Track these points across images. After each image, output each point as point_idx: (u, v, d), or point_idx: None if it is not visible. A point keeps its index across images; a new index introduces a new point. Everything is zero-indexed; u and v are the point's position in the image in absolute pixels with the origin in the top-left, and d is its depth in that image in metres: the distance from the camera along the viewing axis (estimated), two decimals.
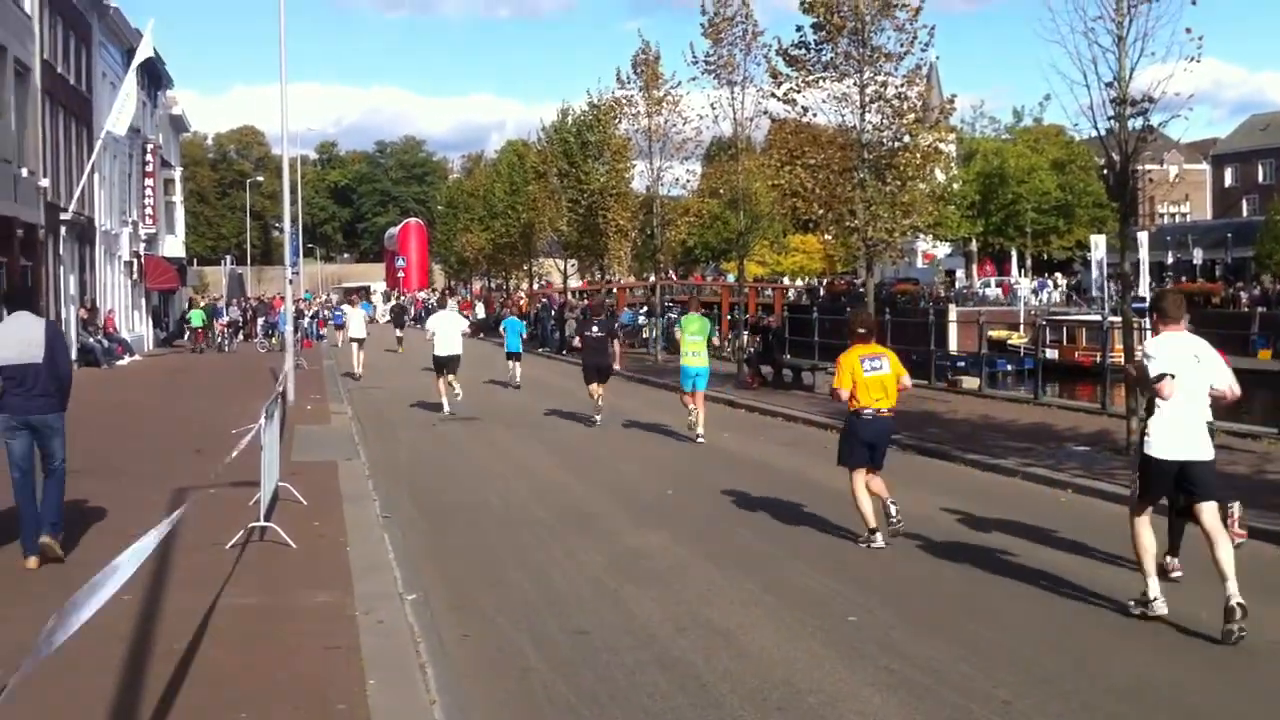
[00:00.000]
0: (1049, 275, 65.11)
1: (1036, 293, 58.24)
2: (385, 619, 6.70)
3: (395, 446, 15.32)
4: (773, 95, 21.00)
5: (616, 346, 17.60)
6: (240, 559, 8.16)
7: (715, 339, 30.83)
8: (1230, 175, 78.16)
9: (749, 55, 24.39)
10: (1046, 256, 70.17)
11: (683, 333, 15.95)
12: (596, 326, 17.43)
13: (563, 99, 79.28)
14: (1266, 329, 41.01)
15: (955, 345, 41.42)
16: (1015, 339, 43.31)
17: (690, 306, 17.99)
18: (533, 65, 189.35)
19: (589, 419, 17.22)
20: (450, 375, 18.67)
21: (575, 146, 36.13)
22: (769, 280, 65.20)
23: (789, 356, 26.09)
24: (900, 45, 19.16)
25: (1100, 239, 38.66)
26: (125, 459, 13.28)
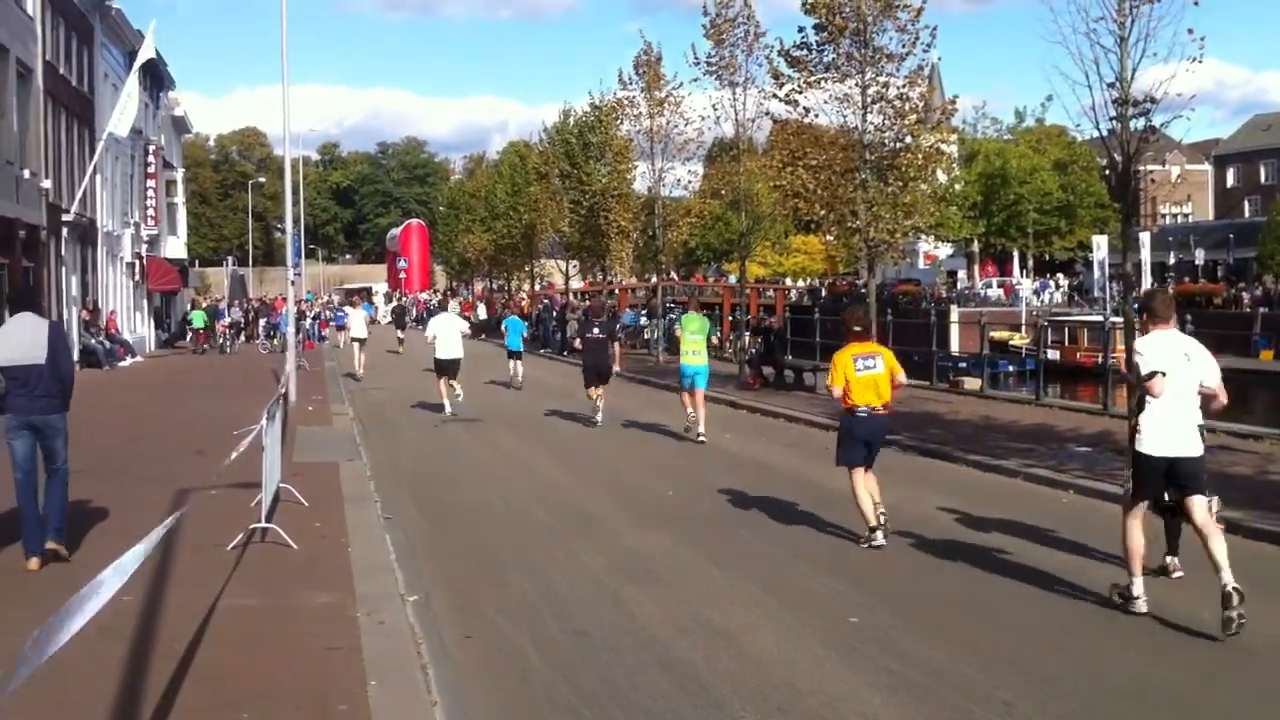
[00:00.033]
0: (1051, 276, 65.07)
1: (1038, 293, 58.22)
2: (386, 620, 6.70)
3: (397, 448, 15.33)
4: (774, 96, 20.99)
5: (616, 348, 17.62)
6: (241, 560, 8.17)
7: (715, 338, 30.98)
8: (1232, 176, 78.14)
9: (751, 56, 24.29)
10: (1048, 257, 70.20)
11: (683, 331, 16.01)
12: (597, 328, 17.45)
13: (564, 100, 79.51)
14: (1268, 330, 41.00)
15: (957, 346, 41.53)
16: (1017, 340, 43.32)
17: (690, 306, 18.10)
18: (534, 66, 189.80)
19: (589, 420, 17.24)
20: (449, 380, 18.75)
21: (577, 147, 36.12)
22: (771, 281, 65.18)
23: (790, 357, 26.10)
24: (902, 46, 19.17)
25: (1102, 239, 38.72)
26: (127, 459, 13.30)
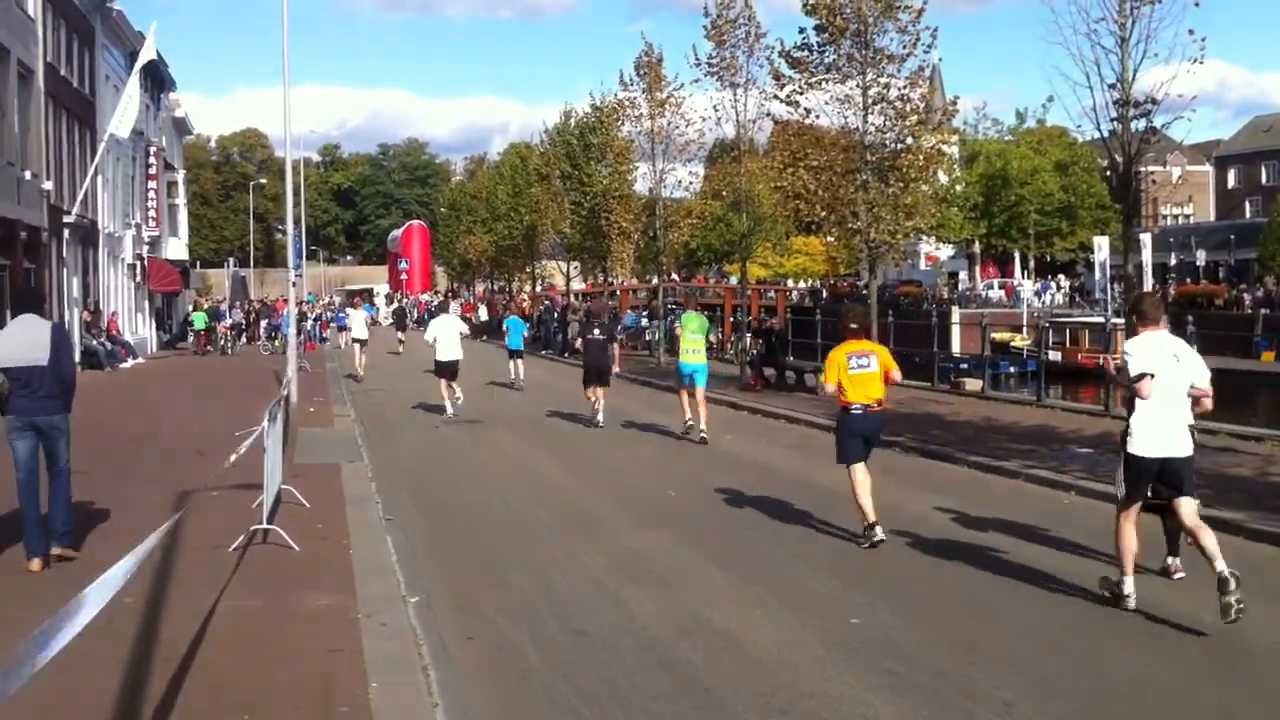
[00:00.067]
0: (1052, 277, 65.07)
1: (1039, 294, 58.22)
2: (388, 621, 6.70)
3: (398, 449, 15.33)
4: (775, 97, 21.00)
5: (616, 350, 17.70)
6: (243, 561, 8.17)
7: (715, 338, 31.01)
8: (1233, 177, 78.12)
9: (752, 57, 24.27)
10: (1049, 258, 70.16)
11: (683, 330, 16.09)
12: (598, 329, 17.58)
13: (565, 101, 79.54)
14: (1270, 331, 40.99)
15: (958, 347, 41.55)
16: (1018, 341, 43.31)
17: (689, 306, 18.25)
18: (535, 67, 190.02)
19: (589, 421, 17.25)
20: (449, 382, 18.82)
21: (578, 148, 36.10)
22: (772, 282, 65.19)
23: (791, 358, 26.11)
24: (903, 47, 19.20)
25: (1103, 241, 38.71)
26: (128, 460, 13.30)
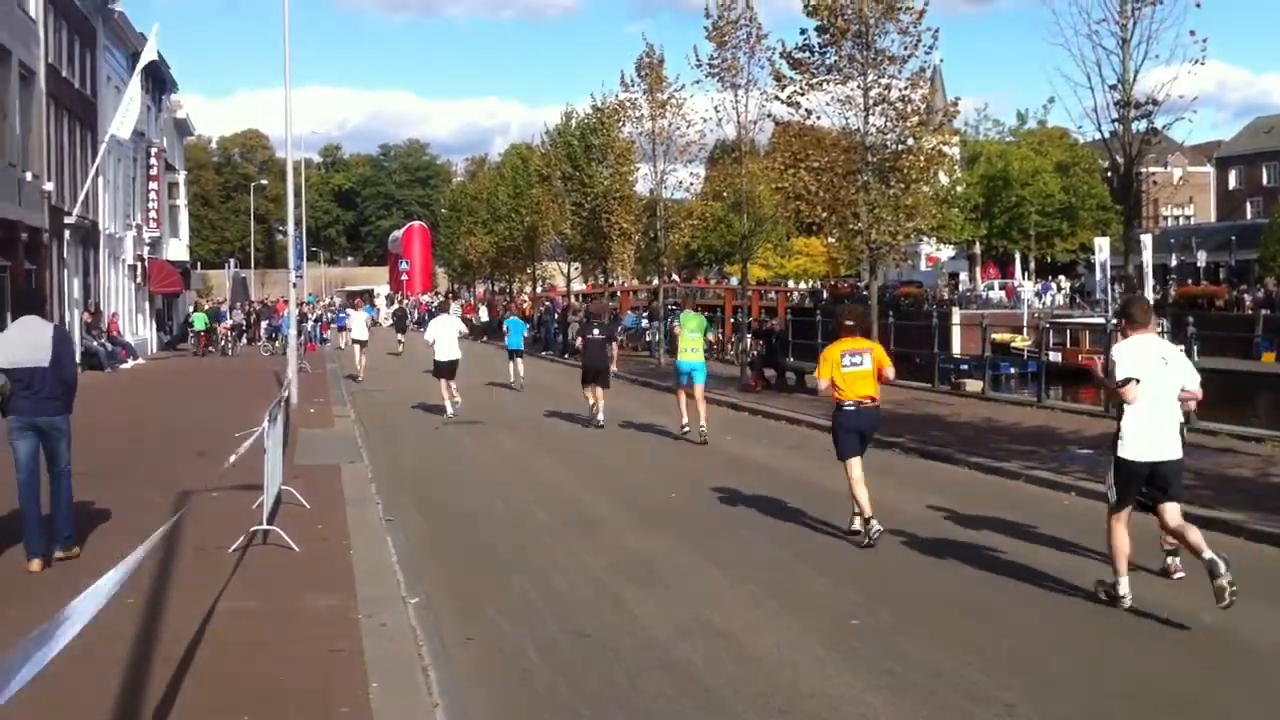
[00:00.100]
0: (1052, 278, 65.06)
1: (1040, 295, 58.20)
2: (388, 622, 6.70)
3: (398, 450, 15.33)
4: (776, 98, 21.00)
5: (614, 349, 17.85)
6: (243, 562, 8.17)
7: (714, 337, 31.03)
8: (1234, 178, 78.14)
9: (753, 58, 24.26)
10: (1050, 259, 70.13)
11: (681, 329, 16.24)
12: (597, 329, 17.77)
13: (567, 102, 79.60)
14: (1270, 332, 40.99)
15: (959, 348, 41.52)
16: (1019, 342, 43.28)
17: (686, 305, 18.33)
18: (537, 68, 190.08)
19: (588, 421, 17.29)
20: (448, 382, 18.87)
21: (579, 149, 36.11)
22: (772, 283, 65.19)
23: (792, 359, 26.09)
24: (904, 48, 19.20)
25: (1104, 241, 38.62)
26: (129, 461, 13.29)
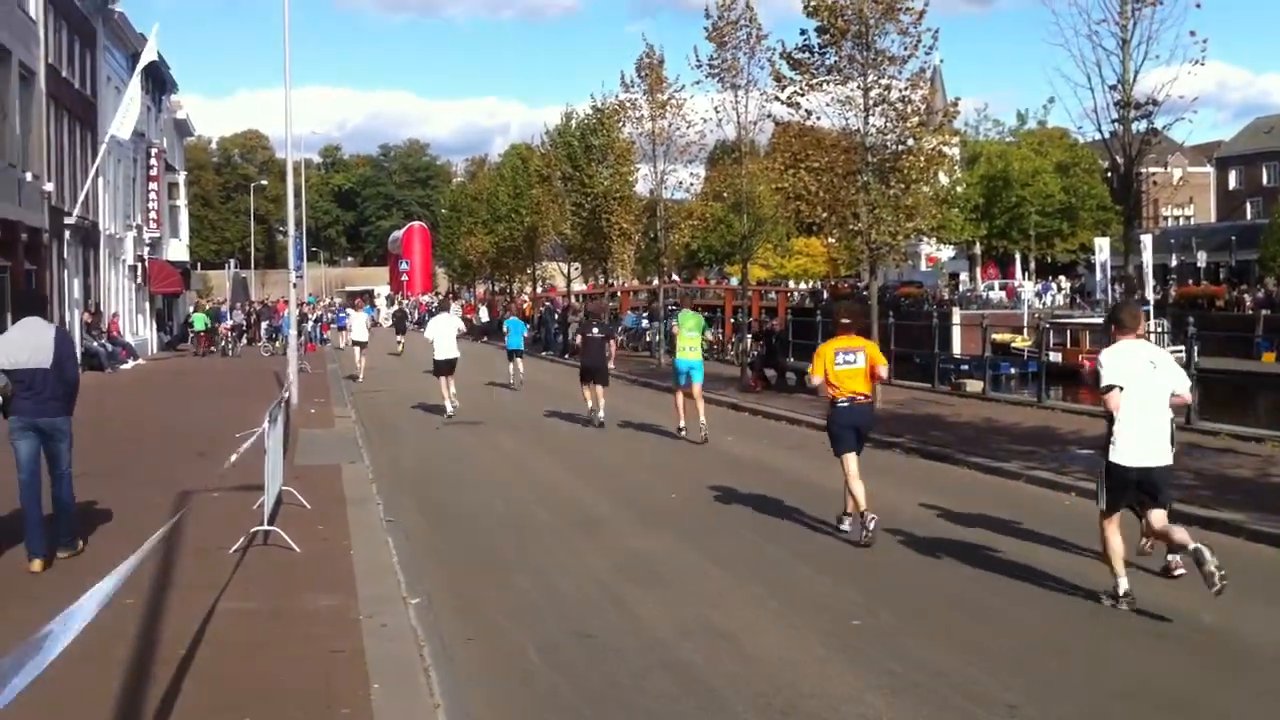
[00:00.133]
0: (1053, 278, 65.06)
1: (1040, 296, 58.22)
2: (389, 623, 6.70)
3: (399, 450, 15.32)
4: (776, 98, 20.97)
5: (613, 346, 18.23)
6: (244, 562, 8.17)
7: (710, 336, 31.06)
8: (1234, 178, 78.15)
9: (753, 59, 24.25)
10: (1050, 259, 70.15)
11: (680, 329, 16.40)
12: (597, 328, 18.08)
13: (567, 102, 79.67)
14: (1270, 332, 41.00)
15: (959, 348, 41.50)
16: (1019, 342, 43.26)
17: (683, 305, 18.59)
18: (537, 68, 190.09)
19: (588, 421, 17.39)
20: (448, 380, 19.08)
21: (579, 150, 36.09)
22: (773, 283, 65.18)
23: (792, 360, 26.09)
24: (904, 49, 19.14)
25: (1104, 242, 38.76)
26: (129, 462, 13.29)
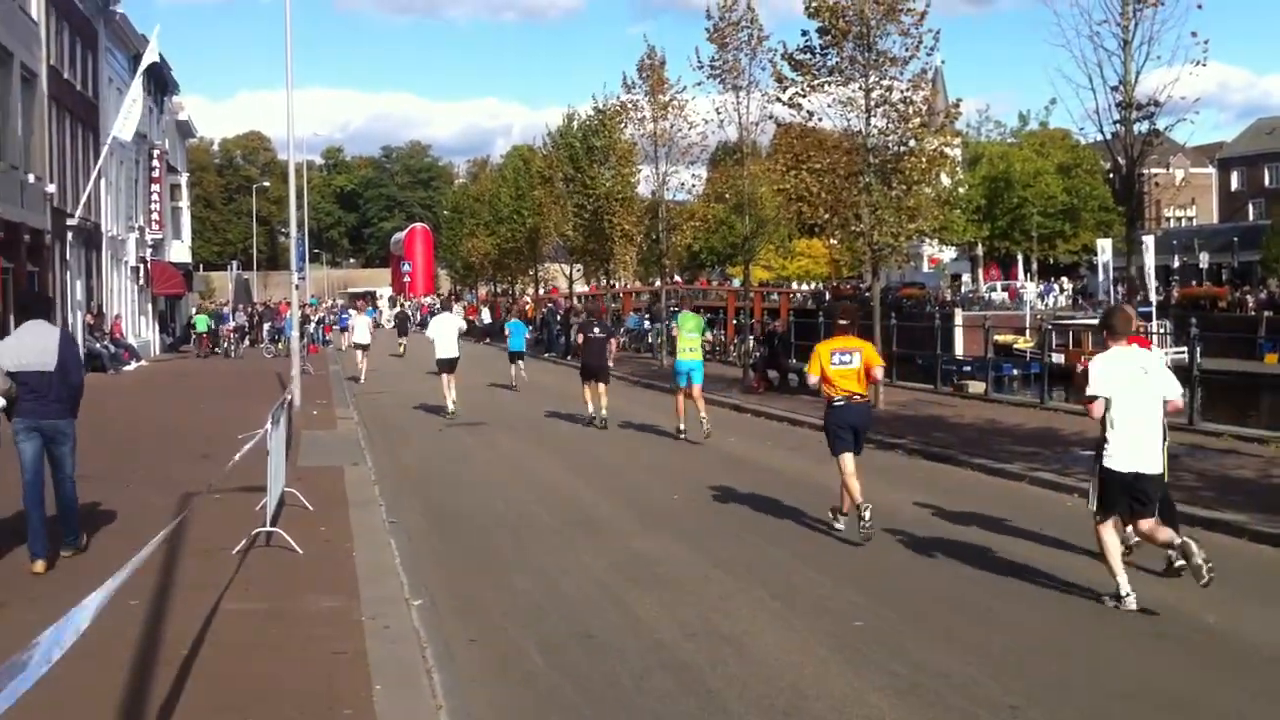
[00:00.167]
0: (1055, 279, 65.04)
1: (1042, 297, 58.20)
2: (391, 624, 6.70)
3: (401, 451, 15.33)
4: (778, 99, 20.98)
5: (614, 344, 18.59)
6: (246, 563, 8.17)
7: (709, 336, 31.10)
8: (1236, 179, 78.10)
9: (754, 60, 24.26)
10: (1052, 260, 70.13)
11: (679, 330, 16.55)
12: (598, 328, 18.23)
13: (568, 104, 79.64)
14: (1273, 333, 40.98)
15: (961, 349, 41.53)
16: (1021, 343, 43.26)
17: (683, 306, 18.76)
18: (538, 70, 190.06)
19: (589, 421, 17.50)
20: (449, 378, 19.27)
21: (581, 151, 36.10)
22: (775, 285, 65.15)
23: (795, 361, 26.07)
24: (905, 50, 19.15)
25: (1106, 243, 38.73)
26: (132, 463, 13.29)
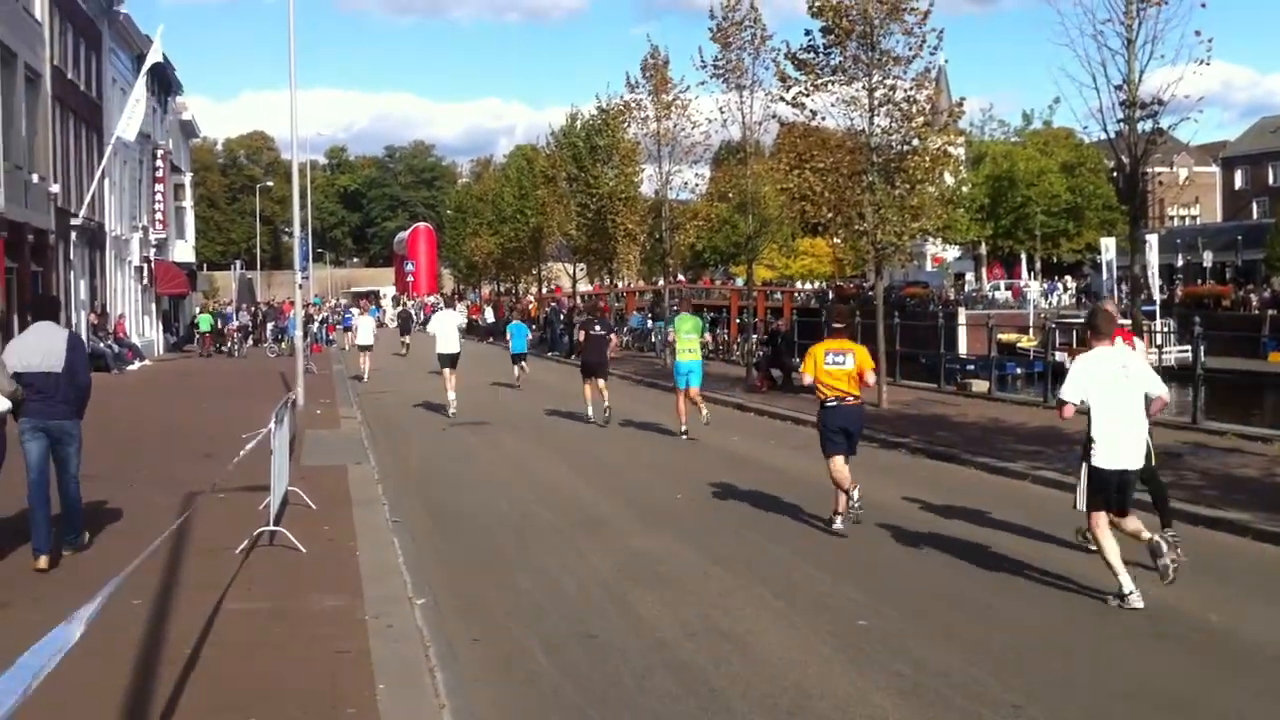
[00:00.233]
0: (1058, 278, 64.99)
1: (1046, 296, 58.14)
2: (395, 623, 6.70)
3: (404, 451, 15.34)
4: (781, 99, 20.96)
5: (614, 339, 19.01)
6: (250, 563, 8.18)
7: (708, 337, 31.11)
8: (1240, 178, 77.99)
9: (758, 59, 24.24)
10: (1056, 259, 70.08)
11: (677, 332, 16.72)
12: (599, 325, 18.43)
13: (571, 103, 79.67)
14: (1277, 332, 40.92)
15: (964, 348, 41.47)
16: (1025, 342, 43.21)
17: (681, 308, 18.75)
18: (541, 70, 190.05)
19: (586, 418, 17.65)
20: (450, 373, 19.35)
21: (584, 151, 36.10)
22: (778, 284, 65.12)
23: (798, 360, 26.06)
24: (909, 49, 19.11)
25: (1110, 242, 38.70)
26: (136, 462, 13.31)
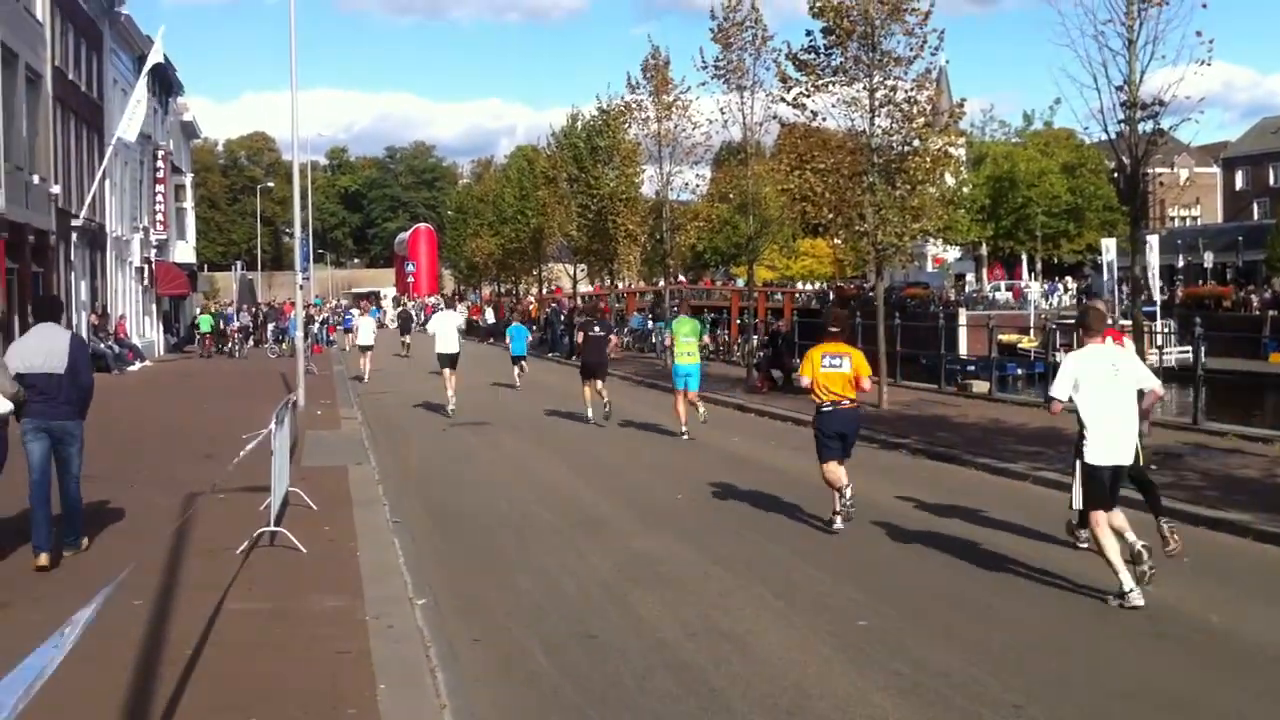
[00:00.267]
0: (1059, 279, 64.96)
1: (1047, 296, 58.11)
2: (395, 624, 6.71)
3: (405, 451, 15.35)
4: (782, 100, 20.97)
5: (614, 339, 19.21)
6: (250, 563, 8.18)
7: (707, 338, 31.13)
8: (1241, 178, 77.97)
9: (759, 60, 24.24)
10: (1057, 260, 70.05)
11: (675, 335, 16.76)
12: (598, 326, 18.54)
13: (572, 104, 79.68)
14: (1277, 332, 40.91)
15: (965, 349, 41.43)
16: (1025, 343, 43.19)
17: (680, 310, 18.67)
18: (542, 70, 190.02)
19: (586, 418, 17.68)
20: (450, 372, 19.36)
21: (585, 151, 36.11)
22: (779, 285, 65.12)
23: (798, 360, 26.07)
24: (910, 49, 19.12)
25: (1111, 242, 38.52)
26: (136, 463, 13.33)
